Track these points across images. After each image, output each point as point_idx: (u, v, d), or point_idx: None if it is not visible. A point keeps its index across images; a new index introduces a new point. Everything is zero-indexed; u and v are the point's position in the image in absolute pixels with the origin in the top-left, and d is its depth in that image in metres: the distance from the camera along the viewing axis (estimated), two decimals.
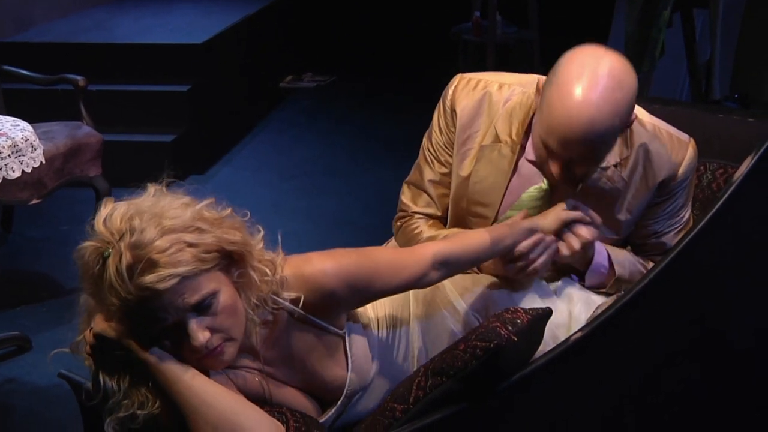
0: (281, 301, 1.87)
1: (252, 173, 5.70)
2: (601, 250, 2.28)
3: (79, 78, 4.49)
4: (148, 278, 1.61)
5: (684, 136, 2.28)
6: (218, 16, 6.56)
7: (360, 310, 2.08)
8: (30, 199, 3.99)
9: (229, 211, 1.81)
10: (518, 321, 1.81)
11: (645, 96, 4.31)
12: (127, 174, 2.49)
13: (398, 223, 2.48)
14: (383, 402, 1.96)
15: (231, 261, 1.75)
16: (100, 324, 1.74)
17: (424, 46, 7.48)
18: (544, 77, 2.28)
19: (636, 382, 1.98)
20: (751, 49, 4.64)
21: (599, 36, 6.17)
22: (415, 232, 2.40)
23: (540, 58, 6.24)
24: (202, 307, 1.69)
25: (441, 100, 2.39)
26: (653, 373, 1.99)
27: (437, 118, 2.39)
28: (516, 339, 1.77)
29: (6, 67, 4.73)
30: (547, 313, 1.93)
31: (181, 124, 5.62)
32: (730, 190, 1.91)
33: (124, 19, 6.52)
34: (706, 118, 2.69)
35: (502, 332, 1.77)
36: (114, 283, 1.62)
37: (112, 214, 1.70)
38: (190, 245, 1.67)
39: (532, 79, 2.32)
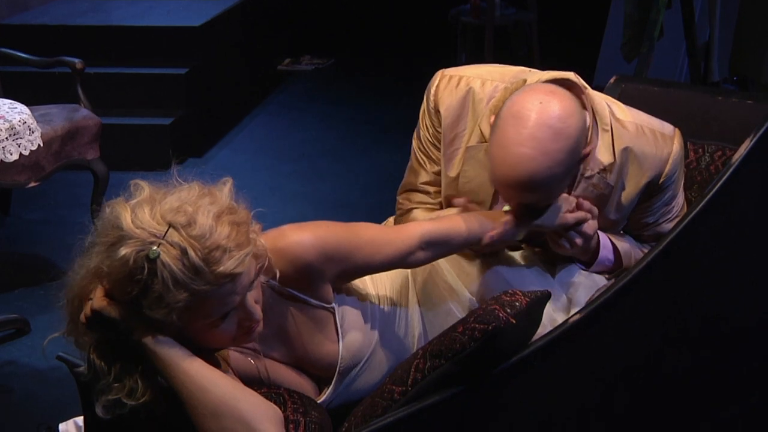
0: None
1: (250, 156, 5.69)
2: (606, 243, 2.27)
3: (76, 60, 4.47)
4: (229, 264, 1.63)
5: (668, 129, 2.25)
6: None
7: (357, 286, 2.08)
8: (28, 182, 3.98)
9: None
10: (517, 303, 1.82)
11: (644, 77, 4.30)
12: (125, 157, 2.50)
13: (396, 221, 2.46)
14: (382, 384, 1.96)
15: None
16: (99, 301, 1.71)
17: (423, 28, 7.46)
18: (528, 71, 2.26)
19: (633, 365, 1.98)
20: (750, 31, 4.62)
21: (598, 18, 6.18)
22: (411, 216, 2.38)
23: (539, 40, 6.23)
24: (253, 284, 1.74)
25: (425, 99, 2.35)
26: (650, 356, 1.99)
27: (423, 116, 2.36)
28: (514, 321, 1.77)
29: (3, 50, 4.72)
30: (546, 295, 1.93)
31: (179, 106, 5.60)
32: (728, 173, 1.90)
33: (121, 2, 6.49)
34: (704, 100, 2.68)
35: (501, 315, 1.77)
36: (183, 278, 1.61)
37: (135, 213, 1.67)
38: (239, 224, 1.69)
39: (515, 72, 2.29)
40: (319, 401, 1.99)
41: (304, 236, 1.89)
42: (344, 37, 7.76)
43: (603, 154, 2.18)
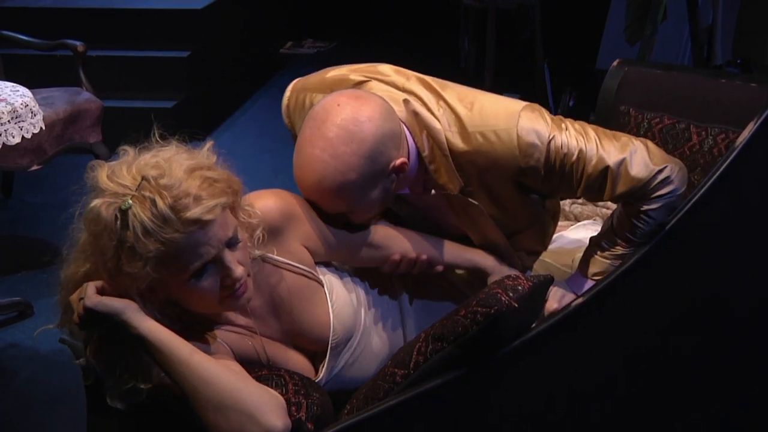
0: None
1: (253, 139, 5.68)
2: (575, 282, 2.18)
3: (78, 43, 4.47)
4: (196, 211, 1.65)
5: (510, 120, 2.00)
6: None
7: (342, 267, 2.12)
8: (30, 165, 3.98)
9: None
10: (519, 287, 1.81)
11: (647, 61, 4.29)
12: (127, 140, 2.50)
13: None
14: (384, 366, 1.96)
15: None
16: (92, 298, 1.72)
17: (425, 11, 7.43)
18: (372, 80, 2.17)
19: (634, 350, 1.98)
20: (753, 14, 4.61)
21: (601, 1, 6.15)
22: None
23: (542, 23, 6.20)
24: (232, 242, 1.75)
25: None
26: (653, 340, 2.00)
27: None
28: (517, 305, 1.77)
29: (5, 32, 4.71)
30: (549, 280, 1.94)
31: (182, 90, 5.60)
32: (731, 156, 1.90)
33: None
34: (707, 83, 2.68)
35: (503, 298, 1.77)
36: (152, 227, 1.63)
37: (113, 171, 1.71)
38: (215, 180, 1.72)
39: (358, 81, 2.19)
40: (316, 381, 2.00)
41: (272, 199, 1.97)
42: (346, 21, 7.73)
43: (445, 179, 2.05)
